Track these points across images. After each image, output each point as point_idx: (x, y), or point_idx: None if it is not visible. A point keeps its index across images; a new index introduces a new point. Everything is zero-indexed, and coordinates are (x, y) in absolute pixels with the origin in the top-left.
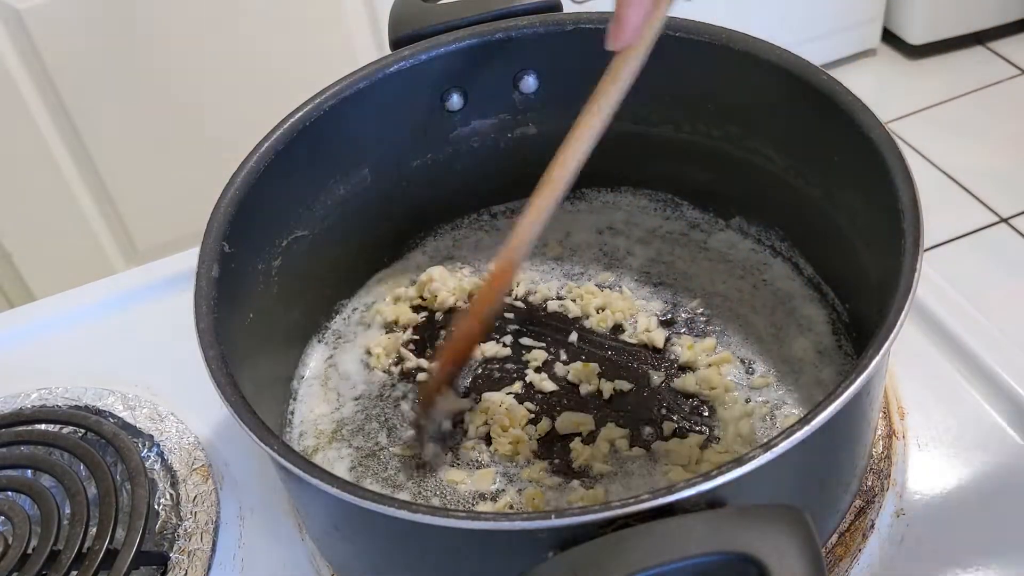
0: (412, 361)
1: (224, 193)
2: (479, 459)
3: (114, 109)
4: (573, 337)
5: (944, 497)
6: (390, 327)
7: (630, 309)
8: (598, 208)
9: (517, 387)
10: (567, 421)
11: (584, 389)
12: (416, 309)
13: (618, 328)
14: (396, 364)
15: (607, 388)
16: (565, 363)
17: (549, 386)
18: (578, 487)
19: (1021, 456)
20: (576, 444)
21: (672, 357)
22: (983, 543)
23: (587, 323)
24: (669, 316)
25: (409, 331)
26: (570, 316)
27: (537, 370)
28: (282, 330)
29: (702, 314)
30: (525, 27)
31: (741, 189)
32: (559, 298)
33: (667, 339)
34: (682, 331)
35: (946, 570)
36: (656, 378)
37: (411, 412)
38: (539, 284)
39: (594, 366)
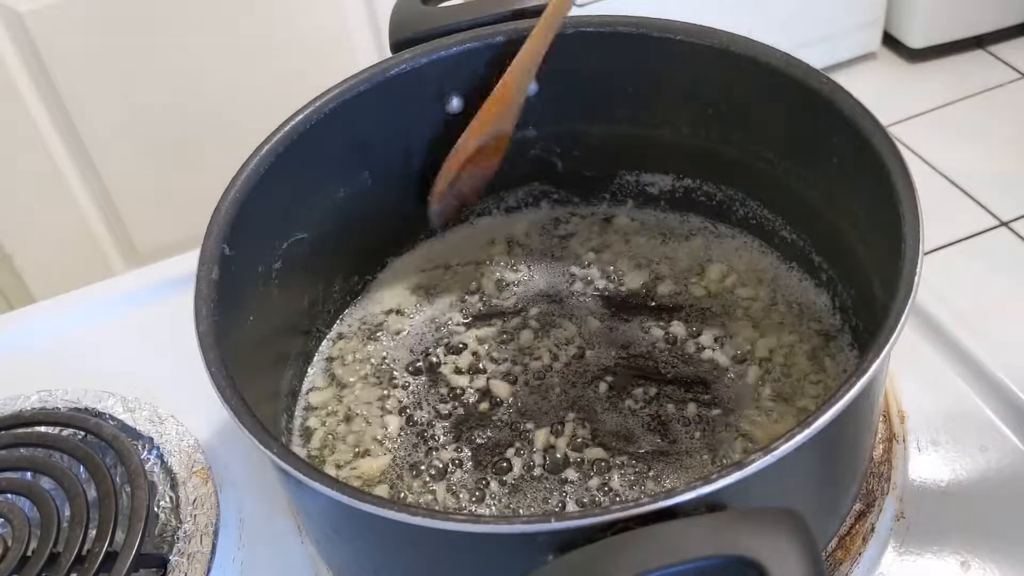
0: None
1: (224, 195)
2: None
3: (115, 111)
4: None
5: (944, 500)
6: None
7: None
8: (601, 211)
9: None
10: None
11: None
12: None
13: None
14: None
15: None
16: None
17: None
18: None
19: (1021, 459)
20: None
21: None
22: (984, 547)
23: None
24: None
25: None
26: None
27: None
28: (282, 332)
29: (710, 310)
30: (525, 30)
31: (741, 193)
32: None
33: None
34: (692, 336)
35: (947, 574)
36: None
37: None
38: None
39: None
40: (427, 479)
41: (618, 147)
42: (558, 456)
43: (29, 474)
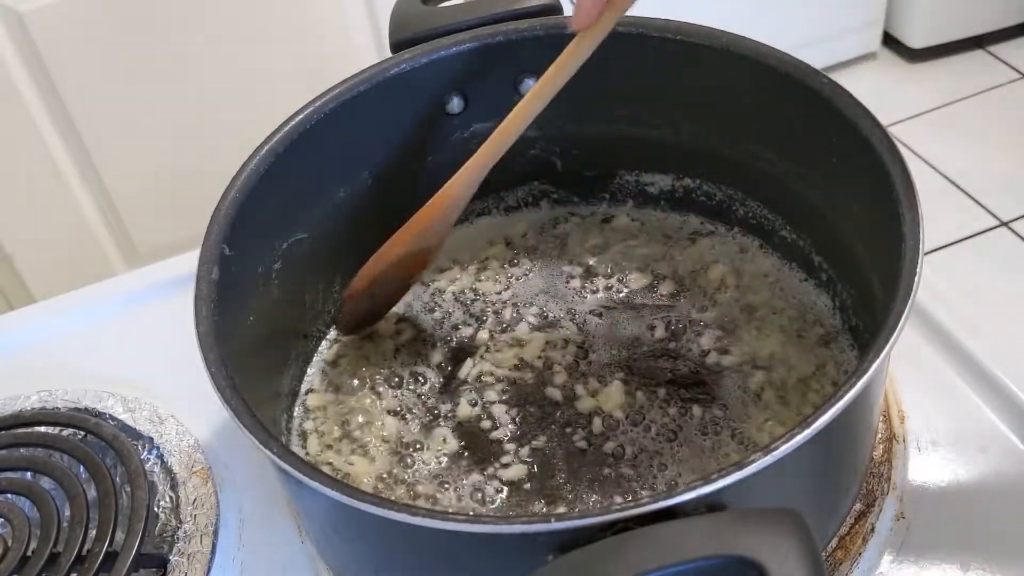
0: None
1: (224, 195)
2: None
3: (115, 111)
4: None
5: (944, 501)
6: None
7: None
8: (601, 211)
9: None
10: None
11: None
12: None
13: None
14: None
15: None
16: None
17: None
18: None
19: (1021, 460)
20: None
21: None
22: (983, 547)
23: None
24: (681, 325)
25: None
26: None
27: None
28: (282, 332)
29: (709, 310)
30: (525, 30)
31: (741, 193)
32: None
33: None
34: (692, 337)
35: (946, 574)
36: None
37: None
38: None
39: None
40: (426, 480)
41: (618, 147)
42: (559, 456)
43: (29, 474)
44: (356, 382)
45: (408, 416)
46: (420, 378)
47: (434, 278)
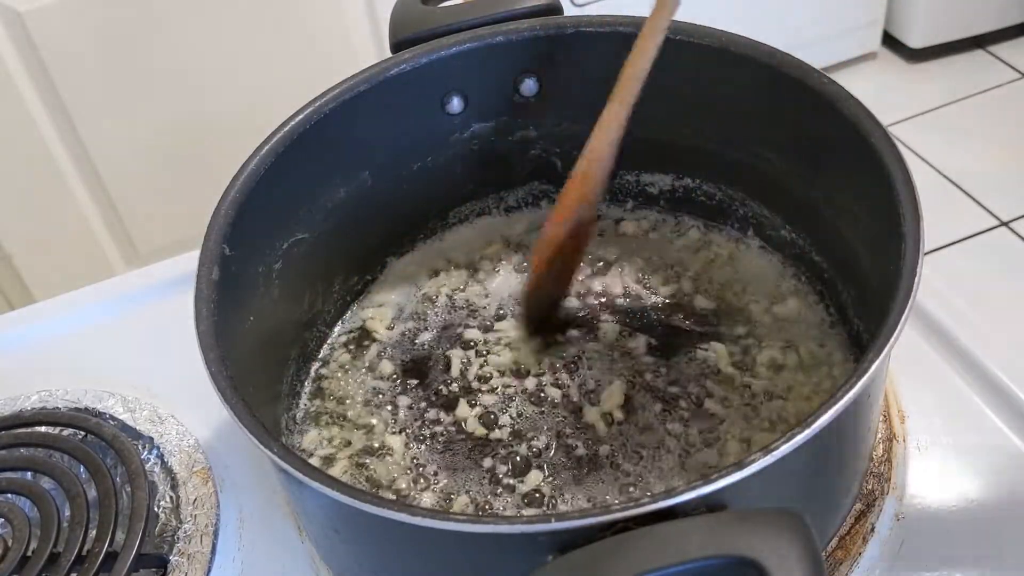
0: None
1: (224, 196)
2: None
3: (115, 112)
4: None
5: (944, 501)
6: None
7: None
8: (601, 211)
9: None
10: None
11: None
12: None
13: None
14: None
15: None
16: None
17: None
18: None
19: (1021, 460)
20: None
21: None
22: (983, 547)
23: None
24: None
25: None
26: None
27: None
28: (282, 332)
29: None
30: (525, 30)
31: (741, 193)
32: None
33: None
34: (693, 337)
35: (946, 574)
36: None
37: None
38: None
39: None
40: (424, 481)
41: (618, 147)
42: (559, 456)
43: (29, 474)
44: (356, 381)
45: (409, 416)
46: (418, 379)
47: (431, 279)
